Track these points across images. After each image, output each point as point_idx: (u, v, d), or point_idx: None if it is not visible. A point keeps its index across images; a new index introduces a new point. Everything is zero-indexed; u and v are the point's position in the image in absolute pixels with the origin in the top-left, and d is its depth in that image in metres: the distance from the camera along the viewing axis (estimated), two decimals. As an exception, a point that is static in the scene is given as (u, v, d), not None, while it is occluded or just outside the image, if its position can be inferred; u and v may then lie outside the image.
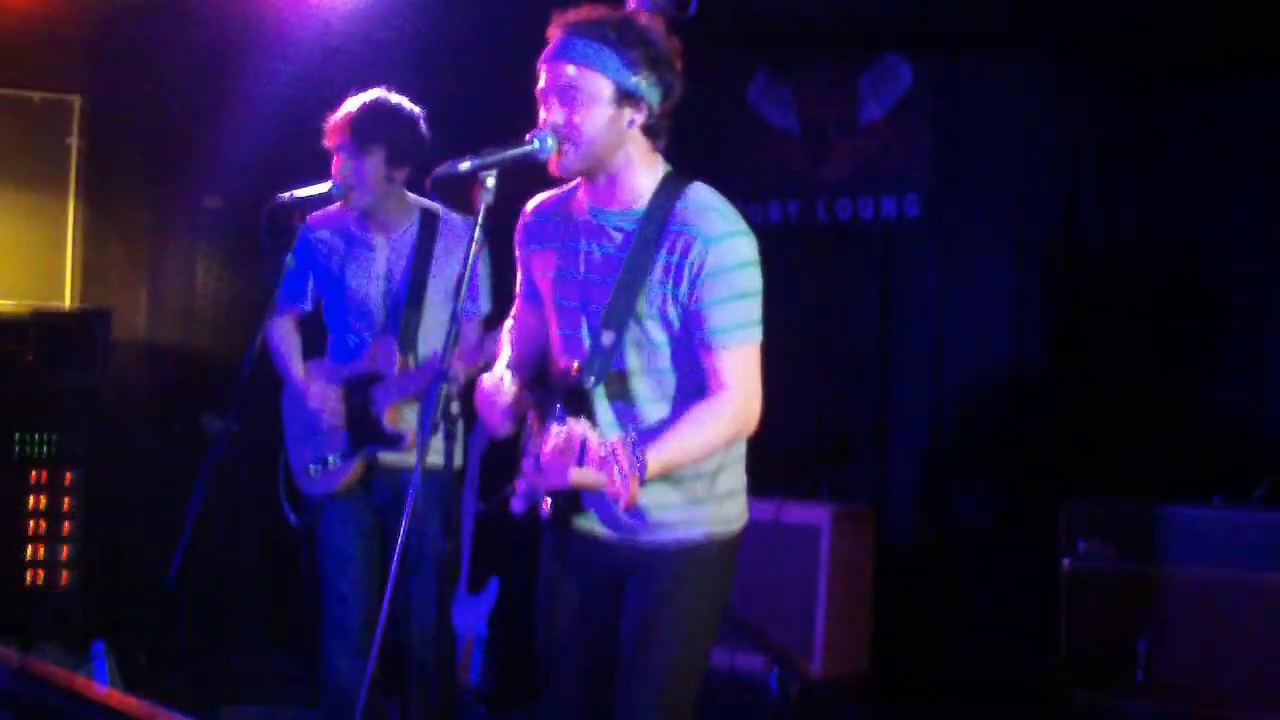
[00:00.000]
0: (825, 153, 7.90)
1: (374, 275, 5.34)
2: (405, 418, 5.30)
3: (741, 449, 3.94)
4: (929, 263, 7.59)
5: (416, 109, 5.34)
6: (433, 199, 5.32)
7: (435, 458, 5.03)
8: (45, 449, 7.02)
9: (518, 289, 4.12)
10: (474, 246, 3.73)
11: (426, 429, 3.56)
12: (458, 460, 5.06)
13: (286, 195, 5.00)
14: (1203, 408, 6.76)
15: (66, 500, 7.02)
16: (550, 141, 3.69)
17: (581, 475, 3.47)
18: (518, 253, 4.04)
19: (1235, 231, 6.80)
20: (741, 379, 3.72)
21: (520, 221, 4.02)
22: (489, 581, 6.88)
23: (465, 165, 3.65)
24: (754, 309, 3.74)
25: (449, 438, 3.82)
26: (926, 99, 7.62)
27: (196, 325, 7.89)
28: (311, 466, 5.39)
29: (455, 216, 5.34)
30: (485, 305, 5.29)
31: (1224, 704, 5.99)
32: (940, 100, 7.59)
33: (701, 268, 3.67)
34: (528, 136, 3.71)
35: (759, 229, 3.83)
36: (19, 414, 7.00)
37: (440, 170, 3.64)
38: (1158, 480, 6.52)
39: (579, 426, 3.46)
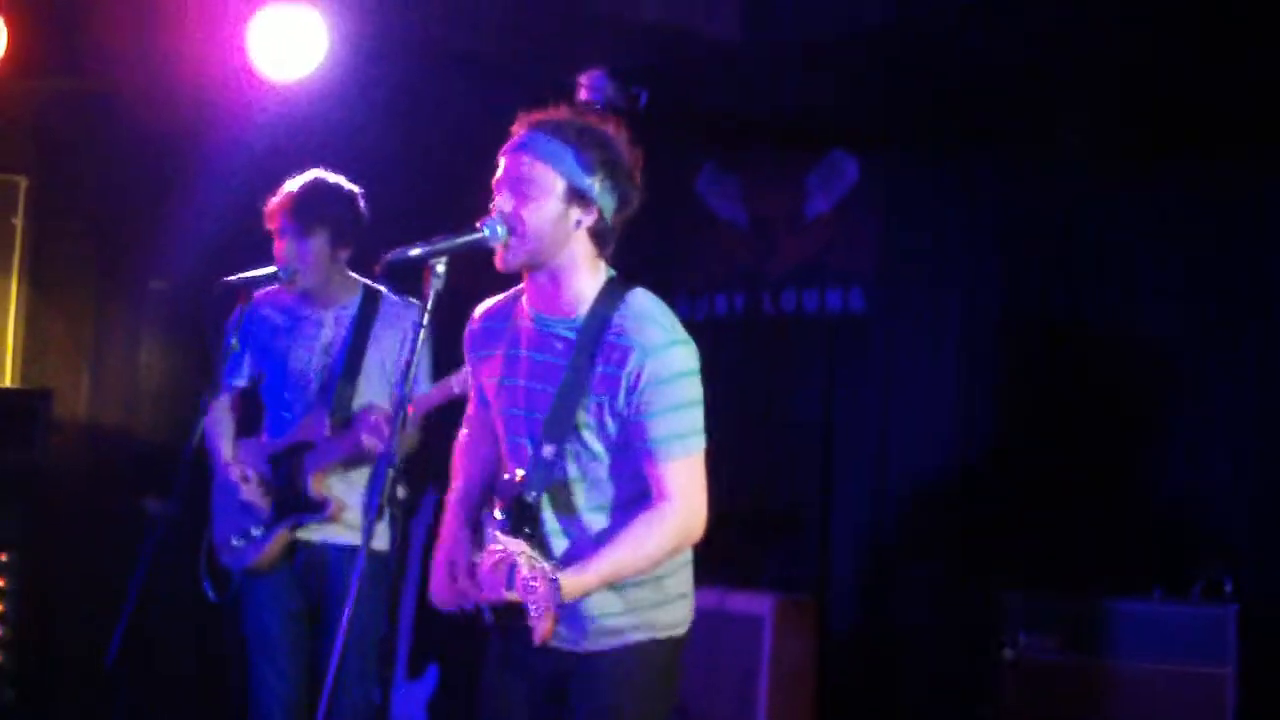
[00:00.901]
0: (772, 246, 7.95)
1: (316, 350, 5.37)
2: (330, 486, 5.29)
3: (688, 554, 3.92)
4: (874, 355, 7.64)
5: (355, 187, 5.37)
6: (381, 283, 5.33)
7: (379, 542, 5.02)
8: (-18, 529, 6.95)
9: (470, 395, 4.13)
10: (421, 331, 3.74)
11: (373, 512, 3.55)
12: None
13: (233, 278, 5.00)
14: (1144, 500, 6.80)
15: (1, 579, 6.94)
16: (500, 230, 3.70)
17: (512, 596, 3.52)
18: (466, 359, 4.05)
19: (1176, 310, 6.86)
20: (683, 490, 3.71)
21: (468, 328, 4.03)
22: (428, 668, 6.84)
23: (416, 251, 3.66)
24: (694, 418, 3.73)
25: (393, 521, 3.82)
26: (872, 194, 7.69)
27: (139, 407, 7.83)
28: (234, 539, 5.36)
29: (395, 298, 5.37)
30: (425, 387, 5.24)
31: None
32: (886, 195, 7.66)
33: (639, 379, 3.67)
34: (478, 224, 3.72)
35: (705, 321, 3.86)
36: (-44, 493, 6.93)
37: (392, 256, 3.66)
38: (1100, 570, 6.55)
39: (515, 546, 3.53)
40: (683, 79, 7.17)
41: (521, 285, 3.88)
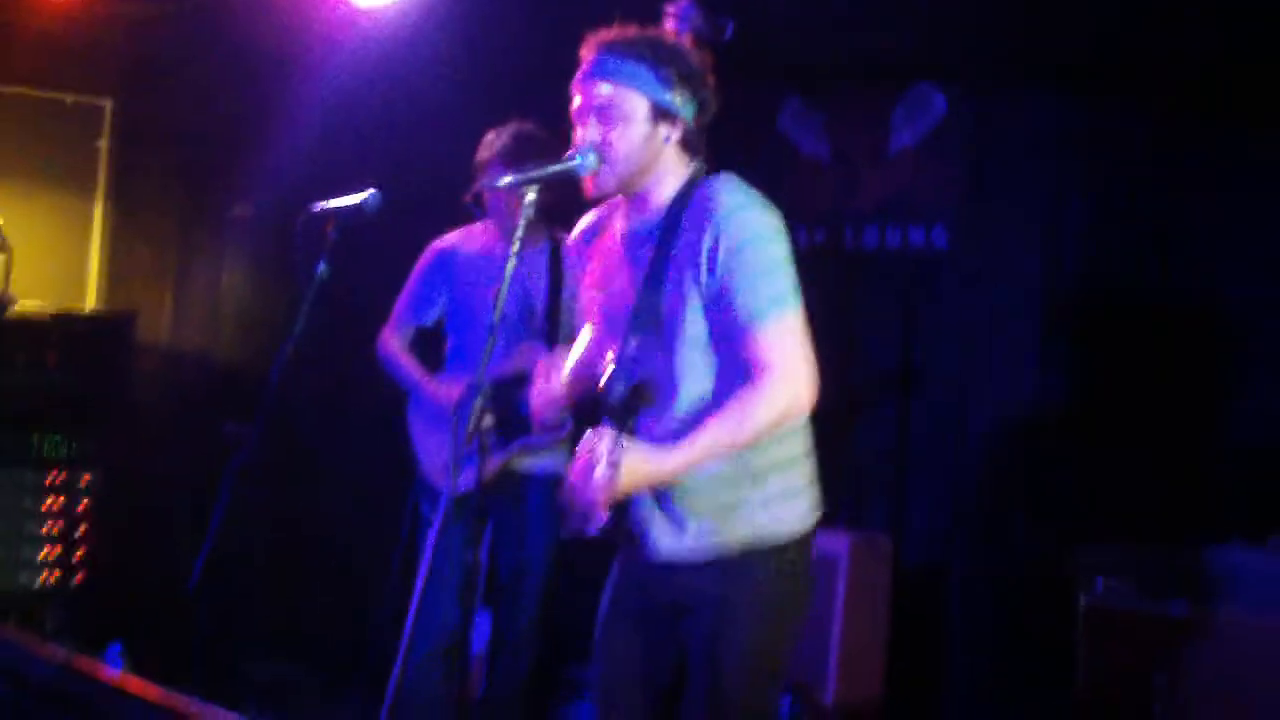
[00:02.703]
0: (855, 181, 7.88)
1: (514, 291, 5.65)
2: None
3: (797, 448, 3.83)
4: (955, 294, 7.56)
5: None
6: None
7: (545, 460, 5.47)
8: (64, 450, 7.01)
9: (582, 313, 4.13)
10: (511, 260, 3.73)
11: (461, 438, 3.57)
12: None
13: (319, 206, 5.01)
14: (1223, 449, 6.72)
15: (83, 502, 7.01)
16: (591, 158, 3.69)
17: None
18: (575, 275, 4.05)
19: (1261, 277, 6.76)
20: (780, 355, 3.60)
21: (567, 244, 4.03)
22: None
23: (506, 181, 3.66)
24: (783, 280, 3.64)
25: (480, 451, 3.84)
26: (959, 130, 7.59)
27: (221, 332, 7.90)
28: (452, 463, 5.59)
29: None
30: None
31: (1241, 747, 5.97)
32: (973, 132, 7.56)
33: (717, 247, 3.61)
34: (568, 153, 3.72)
35: (770, 203, 3.79)
36: (38, 415, 6.98)
37: (481, 185, 3.66)
38: (1179, 518, 6.49)
39: (598, 436, 3.47)
40: (770, 9, 7.10)
41: (618, 198, 3.86)
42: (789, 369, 3.61)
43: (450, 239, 5.92)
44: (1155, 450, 6.82)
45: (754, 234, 3.64)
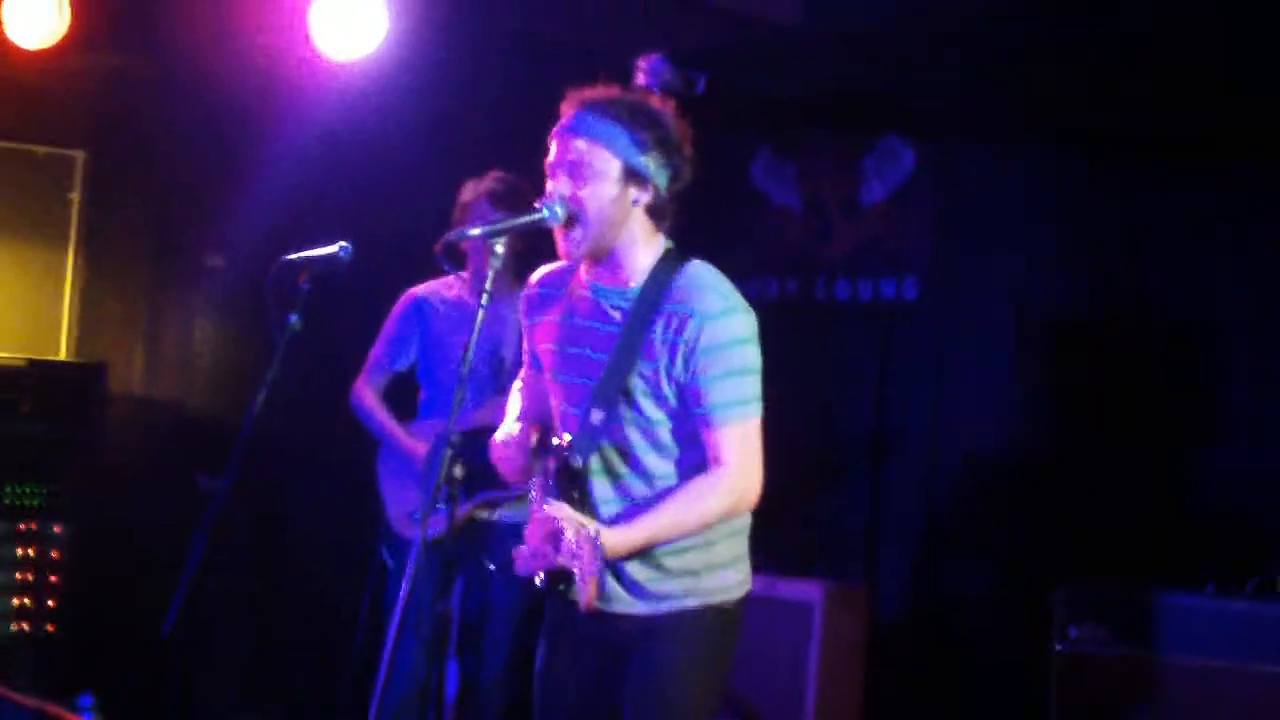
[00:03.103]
0: (826, 232, 7.93)
1: (484, 343, 5.64)
2: None
3: (744, 520, 3.94)
4: (927, 344, 7.60)
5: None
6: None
7: (509, 511, 5.57)
8: (35, 500, 6.99)
9: (525, 357, 4.14)
10: (480, 312, 3.76)
11: (430, 490, 3.59)
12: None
13: (293, 256, 5.02)
14: (1199, 495, 6.76)
15: (55, 551, 6.98)
16: (559, 210, 3.72)
17: (560, 562, 3.54)
18: (523, 323, 4.07)
19: (1233, 317, 6.81)
20: (739, 455, 3.73)
21: (524, 293, 4.05)
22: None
23: (475, 231, 3.70)
24: (751, 385, 3.76)
25: (449, 500, 3.85)
26: (928, 182, 7.65)
27: (193, 382, 7.87)
28: (417, 513, 5.69)
29: None
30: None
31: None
32: (942, 184, 7.62)
33: (696, 344, 3.70)
34: (536, 204, 3.75)
35: (757, 304, 3.85)
36: (10, 465, 6.95)
37: (451, 235, 3.69)
38: (1151, 565, 6.51)
39: (560, 511, 3.58)
40: (741, 63, 7.16)
41: None
42: (745, 469, 3.76)
43: (425, 287, 5.96)
44: (1127, 497, 6.86)
45: (733, 338, 3.73)
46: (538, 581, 3.76)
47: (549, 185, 3.80)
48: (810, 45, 6.87)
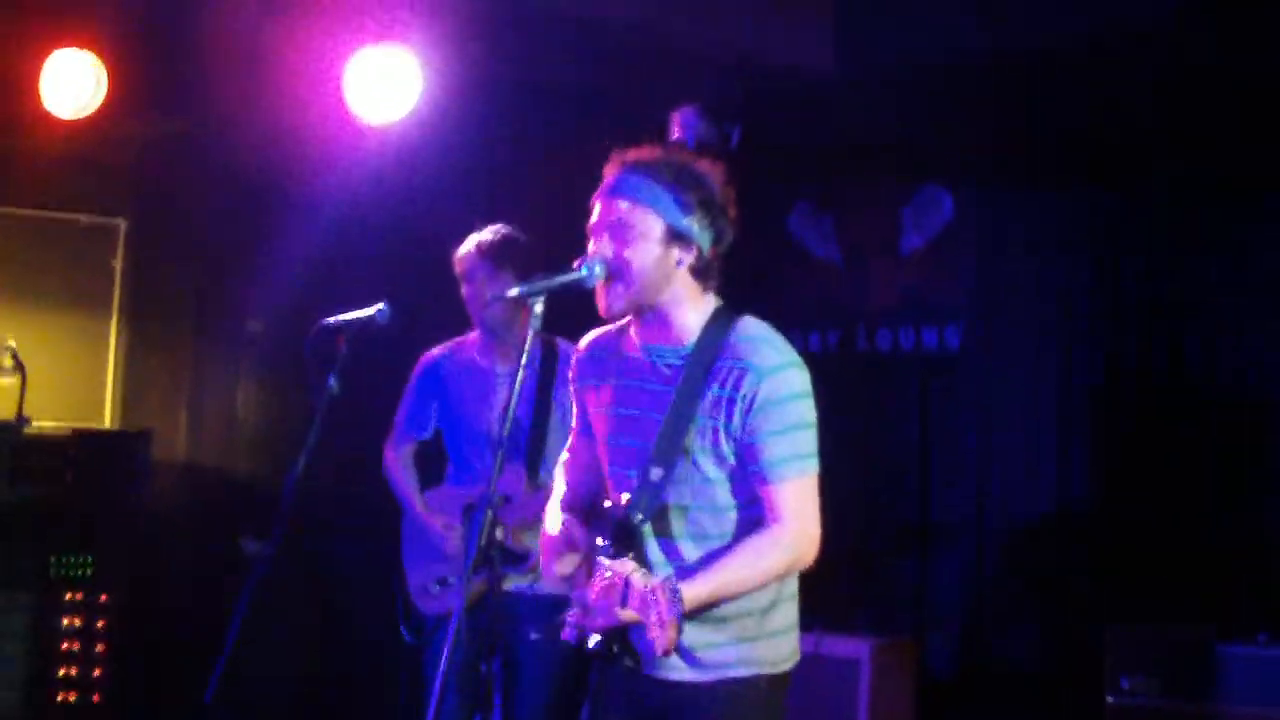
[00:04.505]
0: (866, 282, 7.91)
1: (493, 405, 5.55)
2: (529, 538, 5.38)
3: (794, 586, 3.89)
4: (970, 393, 7.56)
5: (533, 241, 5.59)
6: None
7: (548, 584, 5.25)
8: (82, 570, 7.00)
9: (574, 424, 4.11)
10: (521, 370, 3.74)
11: (471, 554, 3.56)
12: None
13: (331, 319, 5.02)
14: (1249, 543, 6.68)
15: (102, 621, 6.99)
16: (599, 269, 3.70)
17: (626, 615, 3.48)
18: (572, 389, 4.04)
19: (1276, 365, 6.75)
20: (797, 511, 3.69)
21: (574, 358, 4.02)
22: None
23: (514, 291, 3.67)
24: (809, 440, 3.72)
25: (489, 563, 3.82)
26: (968, 230, 7.62)
27: (236, 448, 7.89)
28: (433, 585, 5.58)
29: (567, 345, 5.46)
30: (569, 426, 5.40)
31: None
32: (982, 231, 7.59)
33: (754, 400, 3.67)
34: (575, 264, 3.73)
35: (799, 355, 3.83)
36: (56, 534, 6.99)
37: (494, 295, 3.68)
38: (1201, 616, 6.44)
39: (624, 566, 3.50)
40: (775, 113, 7.15)
41: (629, 318, 3.88)
42: (803, 525, 3.72)
43: (440, 350, 5.82)
44: (1178, 546, 6.78)
45: (790, 393, 3.70)
46: (591, 644, 3.71)
47: (591, 246, 3.78)
48: (844, 94, 6.87)
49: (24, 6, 6.26)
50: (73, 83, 6.63)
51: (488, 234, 5.54)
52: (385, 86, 6.51)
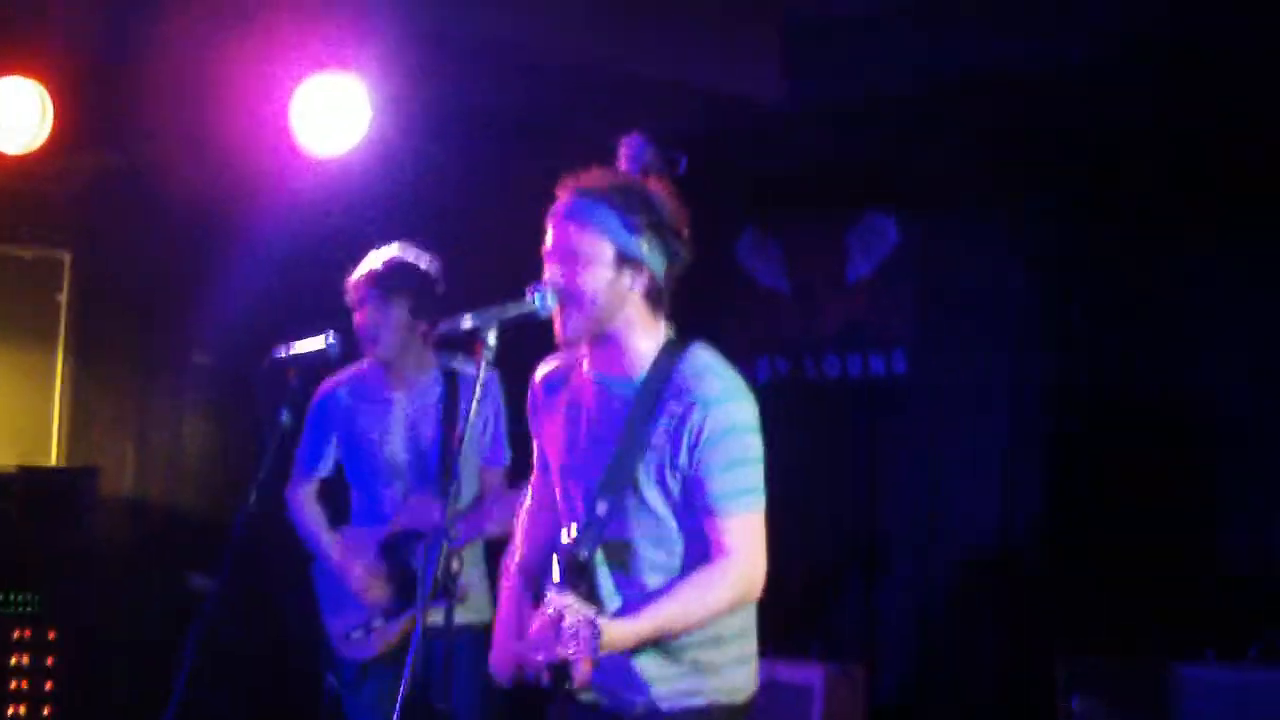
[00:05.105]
0: (814, 310, 7.94)
1: (395, 431, 5.43)
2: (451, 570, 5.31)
3: (750, 618, 3.87)
4: (918, 418, 7.59)
5: (435, 264, 5.44)
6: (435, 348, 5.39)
7: (472, 615, 5.10)
8: (29, 607, 6.95)
9: (534, 460, 4.10)
10: (474, 401, 3.73)
11: (426, 589, 3.54)
12: (465, 618, 5.11)
13: (282, 352, 5.00)
14: (1196, 562, 6.72)
15: (50, 658, 6.94)
16: (550, 299, 3.69)
17: (562, 651, 3.45)
18: (529, 422, 4.03)
19: (1228, 381, 6.79)
20: (742, 545, 3.66)
21: (530, 390, 4.01)
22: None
23: (467, 323, 3.66)
24: (755, 474, 3.70)
25: (448, 595, 3.79)
26: (912, 256, 7.66)
27: (183, 482, 7.84)
28: (354, 633, 5.40)
29: (470, 371, 5.39)
30: (506, 455, 5.32)
31: None
32: (926, 256, 7.63)
33: (700, 433, 3.64)
34: (527, 293, 3.72)
35: (748, 386, 3.82)
36: (3, 571, 6.93)
37: (442, 326, 3.66)
38: (1150, 636, 6.47)
39: (562, 600, 3.49)
40: (723, 141, 7.18)
41: (583, 347, 3.86)
42: (749, 559, 3.69)
43: (334, 380, 5.57)
44: (1125, 566, 6.80)
45: (735, 425, 3.68)
46: (541, 681, 3.69)
47: (546, 271, 3.78)
48: (792, 122, 6.90)
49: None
50: (19, 116, 6.58)
51: (378, 261, 5.41)
52: (333, 117, 6.48)
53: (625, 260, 3.71)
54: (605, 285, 3.70)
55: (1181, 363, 6.89)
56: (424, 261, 5.45)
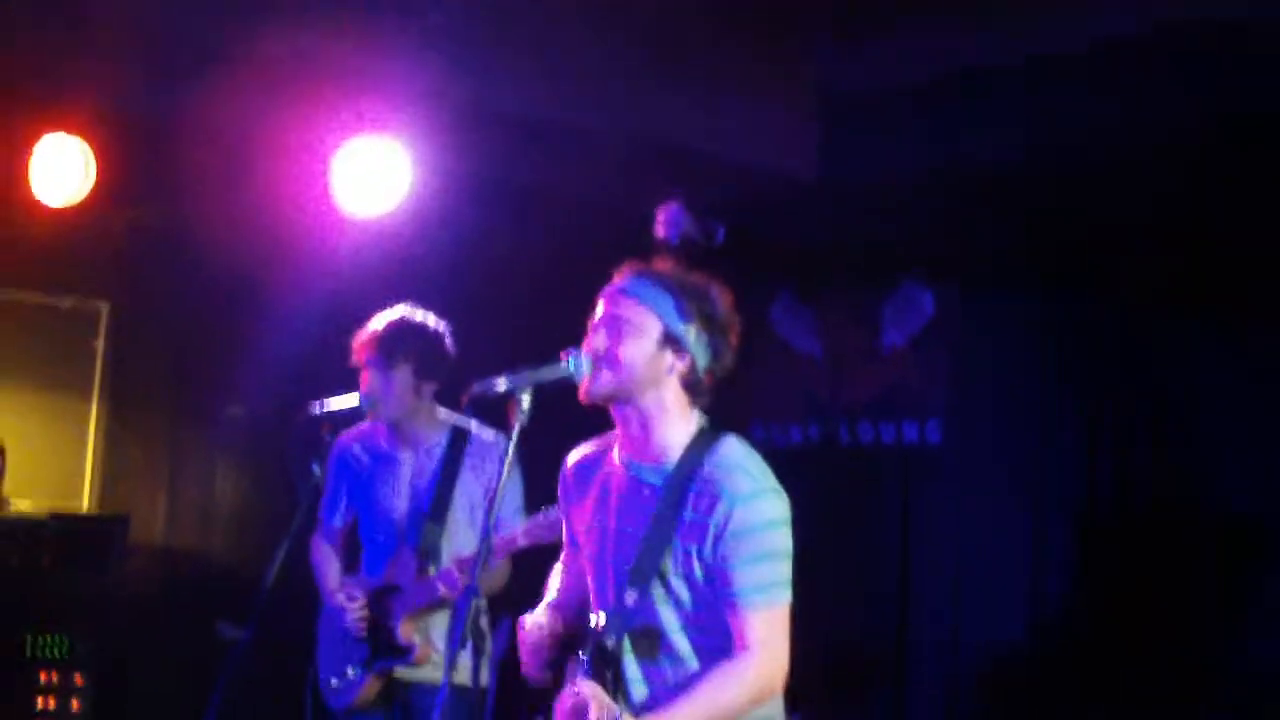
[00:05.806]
0: (847, 377, 7.94)
1: (399, 490, 5.44)
2: (420, 630, 5.31)
3: (776, 707, 3.85)
4: (950, 489, 7.56)
5: (442, 324, 5.44)
6: (468, 415, 5.38)
7: (462, 676, 5.06)
8: (57, 651, 6.97)
9: (564, 539, 4.12)
10: (506, 465, 3.75)
11: (455, 644, 3.57)
12: (484, 678, 5.10)
13: (316, 407, 5.05)
14: (1225, 654, 6.66)
15: (76, 702, 6.96)
16: (585, 364, 3.72)
17: None
18: (559, 504, 4.07)
19: (1258, 475, 6.70)
20: (764, 641, 3.67)
21: (561, 474, 4.04)
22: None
23: (502, 385, 3.69)
24: (781, 569, 3.70)
25: (477, 653, 3.80)
26: (948, 328, 7.67)
27: (214, 532, 7.89)
28: (333, 679, 5.45)
29: (486, 433, 5.40)
30: (517, 522, 5.23)
31: None
32: (960, 329, 7.63)
33: (726, 526, 3.65)
34: (561, 356, 3.75)
35: (780, 452, 3.85)
36: (32, 615, 6.96)
37: (477, 388, 3.69)
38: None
39: (588, 689, 3.55)
40: (759, 214, 7.22)
41: (615, 432, 3.88)
42: (772, 654, 3.70)
43: (349, 435, 5.60)
44: (1155, 657, 6.72)
45: (764, 521, 3.68)
46: None
47: (588, 339, 3.80)
48: (827, 197, 6.93)
49: (14, 92, 6.30)
50: (61, 170, 6.65)
51: (381, 323, 5.40)
52: (373, 179, 6.49)
53: (670, 340, 3.75)
54: (645, 359, 3.73)
55: (1215, 454, 6.81)
56: (430, 322, 5.46)
